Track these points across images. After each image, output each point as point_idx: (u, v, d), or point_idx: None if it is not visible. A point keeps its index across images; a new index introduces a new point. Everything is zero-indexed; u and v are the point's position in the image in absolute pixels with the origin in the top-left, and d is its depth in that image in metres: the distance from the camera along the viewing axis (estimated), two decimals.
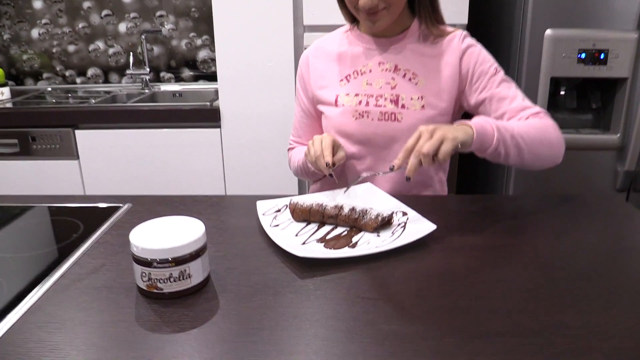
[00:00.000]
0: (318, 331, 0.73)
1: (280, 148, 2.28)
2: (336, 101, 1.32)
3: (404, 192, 1.30)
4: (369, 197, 1.17)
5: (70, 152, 2.37)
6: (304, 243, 0.99)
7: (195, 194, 1.27)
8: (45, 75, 2.93)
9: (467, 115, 1.31)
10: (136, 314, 0.78)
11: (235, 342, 0.71)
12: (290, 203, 1.08)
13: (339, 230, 1.04)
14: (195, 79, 2.88)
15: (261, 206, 1.13)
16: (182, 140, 2.34)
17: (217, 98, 2.34)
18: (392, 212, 1.06)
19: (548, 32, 1.96)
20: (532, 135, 1.12)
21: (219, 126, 2.31)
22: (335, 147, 1.20)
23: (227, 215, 1.15)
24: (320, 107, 1.37)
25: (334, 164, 1.16)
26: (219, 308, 0.79)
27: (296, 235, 1.02)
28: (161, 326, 0.75)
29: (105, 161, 2.37)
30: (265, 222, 1.06)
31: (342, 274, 0.89)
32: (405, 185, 1.33)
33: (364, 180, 1.20)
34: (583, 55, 1.97)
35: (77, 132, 2.34)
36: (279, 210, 1.12)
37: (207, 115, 2.30)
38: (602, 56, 1.96)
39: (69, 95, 2.76)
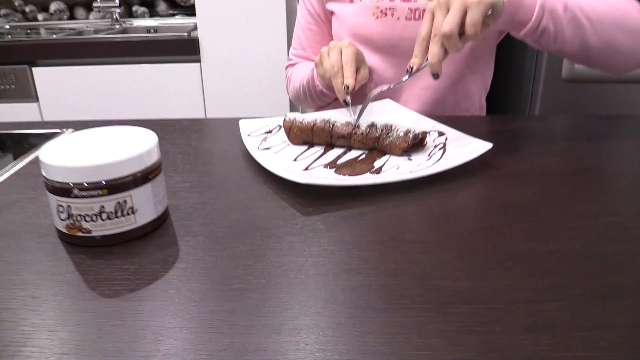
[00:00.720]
0: (334, 293, 0.45)
1: (268, 87, 1.98)
2: None
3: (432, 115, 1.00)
4: (390, 116, 0.88)
5: (27, 93, 2.05)
6: (306, 168, 0.70)
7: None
8: (2, 11, 2.57)
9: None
10: (47, 270, 0.49)
11: (203, 312, 0.43)
12: (285, 120, 0.78)
13: (354, 153, 0.75)
14: (172, 14, 2.54)
15: (246, 126, 0.83)
16: (157, 78, 2.05)
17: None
18: (426, 131, 0.77)
19: None
20: (601, 11, 0.81)
21: (199, 60, 1.99)
22: (358, 62, 0.91)
23: (201, 140, 0.85)
24: (331, 6, 1.06)
25: (349, 94, 0.86)
26: (178, 259, 0.51)
27: (295, 159, 0.73)
28: (85, 290, 0.46)
29: (69, 103, 2.05)
30: (252, 144, 0.76)
31: (364, 209, 0.61)
32: (438, 106, 1.03)
33: (378, 98, 0.89)
34: None
35: (34, 69, 2.02)
36: (269, 132, 0.83)
37: (184, 48, 1.98)
38: None
39: (29, 32, 2.41)
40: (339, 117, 0.77)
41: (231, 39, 1.96)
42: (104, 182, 0.51)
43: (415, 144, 0.74)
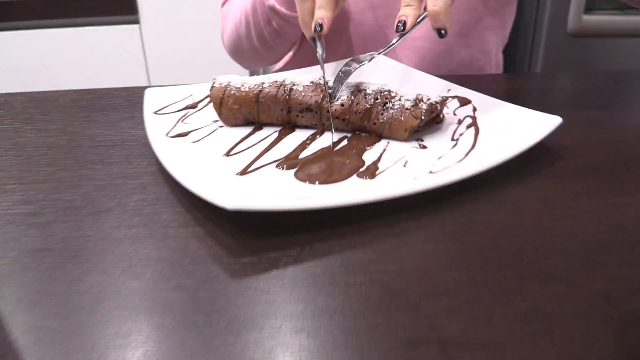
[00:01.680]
0: None
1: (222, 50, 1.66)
2: None
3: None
4: (380, 76, 0.58)
5: None
6: (244, 171, 0.39)
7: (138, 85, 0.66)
8: None
9: None
10: None
11: None
12: (213, 87, 0.48)
13: (327, 139, 0.45)
14: None
15: (155, 97, 0.52)
16: (89, 42, 1.72)
17: None
18: (445, 97, 0.47)
19: None
20: None
21: (138, 21, 1.65)
22: None
23: (88, 121, 0.54)
24: None
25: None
26: None
27: (228, 153, 0.42)
28: None
29: None
30: (158, 128, 0.45)
31: (345, 254, 0.31)
32: (441, 64, 0.73)
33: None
34: None
35: None
36: (194, 106, 0.52)
37: (119, 4, 1.63)
38: None
39: None
40: (301, 78, 0.47)
41: None
42: None
43: (430, 119, 0.45)
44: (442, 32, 0.45)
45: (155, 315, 0.27)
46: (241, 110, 0.46)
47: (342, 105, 0.44)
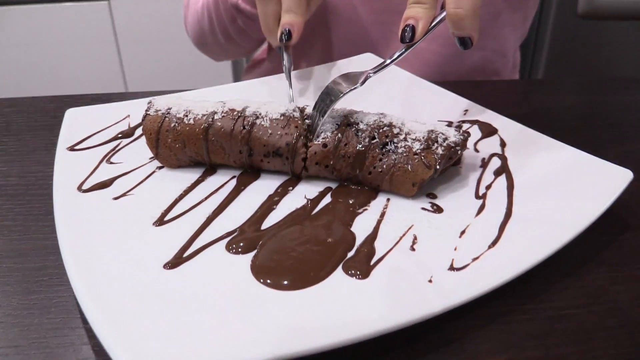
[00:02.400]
0: None
1: None
2: None
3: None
4: (376, 85, 0.45)
5: None
6: (176, 262, 0.27)
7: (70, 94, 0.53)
8: None
9: None
10: None
11: None
12: (148, 112, 0.35)
13: (302, 191, 0.33)
14: None
15: (75, 122, 0.39)
16: (59, 22, 1.58)
17: None
18: (463, 133, 0.34)
19: None
20: None
21: None
22: None
23: None
24: None
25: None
26: None
27: (161, 222, 0.30)
28: None
29: None
30: (67, 176, 0.33)
31: None
32: (451, 68, 0.60)
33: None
34: None
35: None
36: (127, 134, 0.39)
37: None
38: None
39: None
40: (268, 107, 0.34)
41: None
42: None
43: (453, 164, 0.33)
44: (467, 41, 0.33)
45: None
46: (185, 150, 0.33)
47: (325, 145, 0.32)
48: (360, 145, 0.32)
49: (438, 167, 0.30)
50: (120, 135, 0.38)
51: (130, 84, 1.65)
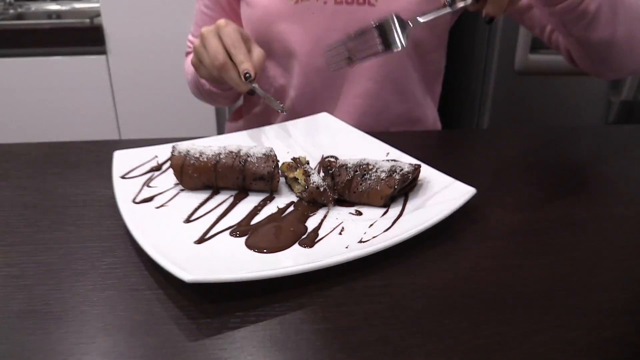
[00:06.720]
0: None
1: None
2: None
3: (377, 129, 0.77)
4: (330, 137, 0.65)
5: None
6: (202, 239, 0.46)
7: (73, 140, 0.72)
8: None
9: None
10: None
11: None
12: (173, 156, 0.54)
13: (278, 204, 0.52)
14: None
15: (122, 161, 0.58)
16: (58, 73, 1.77)
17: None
18: (414, 165, 0.54)
19: None
20: (634, 4, 0.66)
21: (105, 52, 1.70)
22: (246, 40, 0.65)
23: (61, 178, 0.60)
24: None
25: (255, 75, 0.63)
26: None
27: (188, 220, 0.49)
28: None
29: None
30: (125, 193, 0.51)
31: (292, 315, 0.38)
32: (381, 118, 0.81)
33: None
34: None
35: None
36: (158, 169, 0.58)
37: (87, 37, 1.68)
38: None
39: None
40: (255, 150, 0.54)
41: (140, 25, 1.68)
42: None
43: (405, 185, 0.52)
44: (489, 20, 0.51)
45: None
46: (200, 178, 0.53)
47: (318, 187, 0.51)
48: (349, 176, 0.51)
49: (396, 187, 0.50)
50: (153, 168, 0.58)
51: (123, 131, 1.82)
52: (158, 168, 0.58)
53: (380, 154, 0.60)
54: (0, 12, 2.07)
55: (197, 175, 0.52)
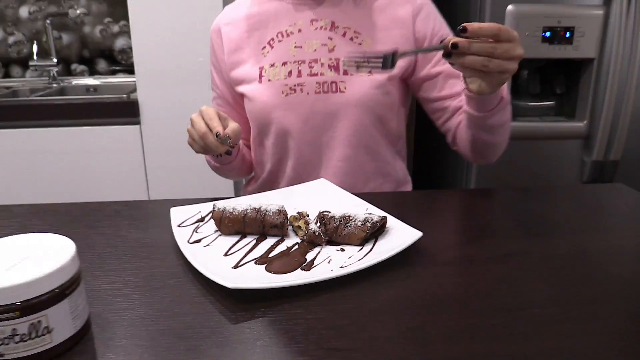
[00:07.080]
0: None
1: None
2: (260, 76, 1.04)
3: (356, 189, 1.02)
4: (324, 198, 0.89)
5: None
6: (236, 265, 0.69)
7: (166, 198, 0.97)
8: None
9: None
10: None
11: None
12: (214, 210, 0.78)
13: (287, 243, 0.75)
14: (113, 72, 2.52)
15: (177, 214, 0.82)
16: (96, 141, 2.03)
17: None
18: (381, 216, 0.77)
19: (510, 8, 1.75)
20: (508, 116, 0.96)
21: (139, 122, 1.97)
22: (222, 118, 0.92)
23: (131, 227, 0.83)
24: (241, 89, 1.09)
25: (227, 137, 0.90)
26: None
27: (226, 254, 0.72)
28: None
29: (3, 167, 1.98)
30: (182, 236, 0.75)
31: (296, 311, 0.60)
32: (358, 175, 1.05)
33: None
34: (548, 34, 1.77)
35: None
36: (202, 220, 0.82)
37: (124, 110, 1.96)
38: (567, 34, 1.77)
39: None
40: (271, 206, 0.77)
41: (172, 99, 1.96)
42: (17, 304, 0.48)
43: (375, 230, 0.75)
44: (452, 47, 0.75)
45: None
46: (233, 226, 0.76)
47: (314, 232, 0.74)
48: (336, 224, 0.74)
49: (368, 231, 0.72)
50: (199, 220, 0.81)
51: (152, 192, 2.07)
52: (202, 219, 0.82)
53: (361, 209, 0.83)
54: (45, 86, 2.38)
55: (231, 225, 0.76)
